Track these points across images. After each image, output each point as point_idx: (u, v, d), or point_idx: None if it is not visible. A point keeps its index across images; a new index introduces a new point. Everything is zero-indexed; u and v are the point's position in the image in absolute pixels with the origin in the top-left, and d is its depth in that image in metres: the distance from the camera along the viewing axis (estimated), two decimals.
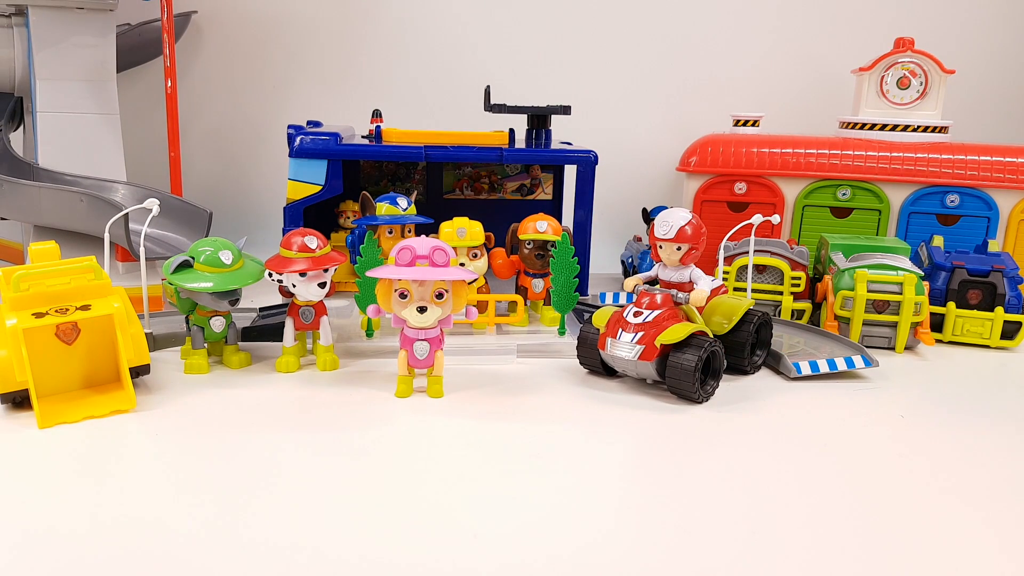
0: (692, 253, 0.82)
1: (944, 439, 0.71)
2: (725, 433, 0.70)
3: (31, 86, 1.15)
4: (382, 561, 0.49)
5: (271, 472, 0.60)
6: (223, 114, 1.52)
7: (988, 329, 0.99)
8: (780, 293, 1.04)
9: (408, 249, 0.73)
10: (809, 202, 1.21)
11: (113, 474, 0.59)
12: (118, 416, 0.70)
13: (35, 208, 1.06)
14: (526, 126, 1.17)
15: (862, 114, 1.26)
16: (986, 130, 1.44)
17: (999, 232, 1.18)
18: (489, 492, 0.58)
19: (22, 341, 0.68)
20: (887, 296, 0.95)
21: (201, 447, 0.64)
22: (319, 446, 0.65)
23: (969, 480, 0.62)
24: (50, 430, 0.66)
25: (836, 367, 0.85)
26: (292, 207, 1.06)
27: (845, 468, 0.64)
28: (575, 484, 0.59)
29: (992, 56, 1.49)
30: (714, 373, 0.79)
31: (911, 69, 1.24)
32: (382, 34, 1.49)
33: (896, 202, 1.19)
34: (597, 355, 0.82)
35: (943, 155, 1.18)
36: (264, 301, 1.01)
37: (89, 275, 0.75)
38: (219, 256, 0.80)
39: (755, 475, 0.62)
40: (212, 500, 0.55)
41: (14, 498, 0.55)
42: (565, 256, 0.90)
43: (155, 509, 0.54)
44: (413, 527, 0.53)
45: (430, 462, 0.63)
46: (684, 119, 1.46)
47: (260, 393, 0.77)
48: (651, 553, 0.50)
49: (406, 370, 0.77)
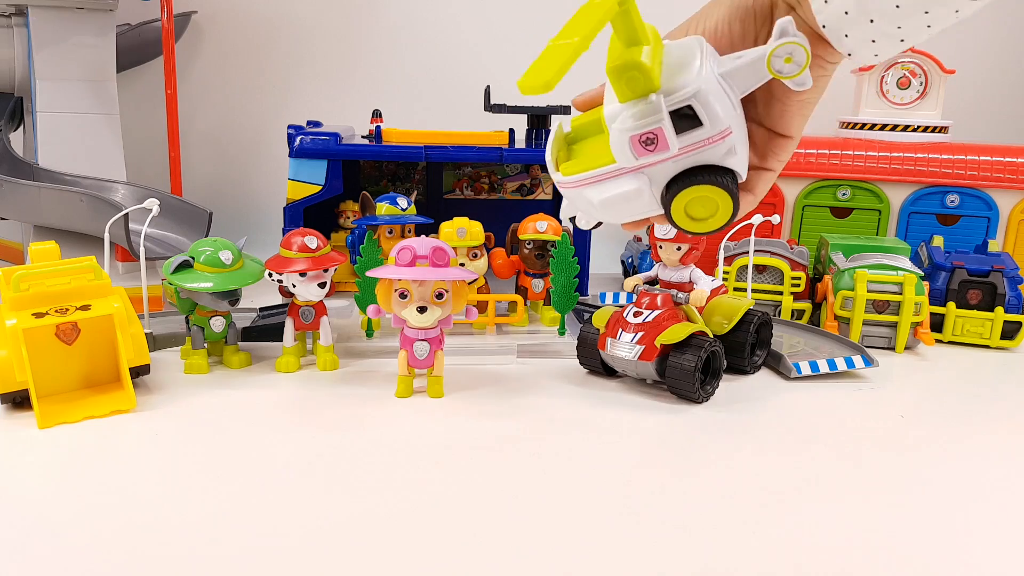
0: (692, 253, 0.82)
1: (944, 439, 0.71)
2: (725, 433, 0.70)
3: (31, 86, 1.15)
4: (381, 561, 0.49)
5: (271, 472, 0.60)
6: (223, 114, 1.52)
7: (988, 329, 0.99)
8: (780, 293, 1.04)
9: (408, 249, 0.73)
10: (809, 202, 1.21)
11: (113, 474, 0.59)
12: (118, 416, 0.70)
13: (35, 208, 1.06)
14: (526, 126, 1.17)
15: (862, 114, 1.26)
16: (986, 130, 1.44)
17: (999, 232, 1.18)
18: (489, 492, 0.58)
19: (22, 341, 0.68)
20: (887, 296, 0.95)
21: (201, 447, 0.64)
22: (319, 446, 0.65)
23: (970, 480, 0.62)
24: (50, 430, 0.66)
25: (836, 367, 0.85)
26: (292, 207, 1.06)
27: (845, 468, 0.64)
28: (575, 484, 0.59)
29: (992, 56, 1.49)
30: (714, 373, 0.79)
31: (911, 69, 1.24)
32: (382, 34, 1.49)
33: (896, 202, 1.19)
34: (597, 355, 0.82)
35: (943, 155, 1.18)
36: (264, 301, 1.01)
37: (89, 275, 0.75)
38: (219, 256, 0.80)
39: (755, 475, 0.62)
40: (212, 500, 0.55)
41: (14, 498, 0.55)
42: (565, 256, 0.90)
43: (155, 509, 0.54)
44: (413, 527, 0.53)
45: (430, 462, 0.63)
46: None
47: (260, 393, 0.77)
48: (651, 552, 0.50)
49: (406, 370, 0.76)
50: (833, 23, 0.45)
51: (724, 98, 0.46)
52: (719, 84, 0.46)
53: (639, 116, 0.46)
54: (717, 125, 0.46)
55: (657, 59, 0.46)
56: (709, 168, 0.48)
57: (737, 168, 0.48)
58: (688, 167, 0.48)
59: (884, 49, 0.46)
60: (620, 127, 0.47)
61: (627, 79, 0.45)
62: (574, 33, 0.42)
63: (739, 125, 0.48)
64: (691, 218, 0.50)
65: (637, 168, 0.48)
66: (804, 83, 0.46)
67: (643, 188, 0.49)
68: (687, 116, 0.46)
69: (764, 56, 0.45)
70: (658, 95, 0.45)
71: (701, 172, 0.48)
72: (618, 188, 0.49)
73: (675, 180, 0.48)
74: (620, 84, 0.45)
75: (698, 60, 0.46)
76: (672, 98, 0.45)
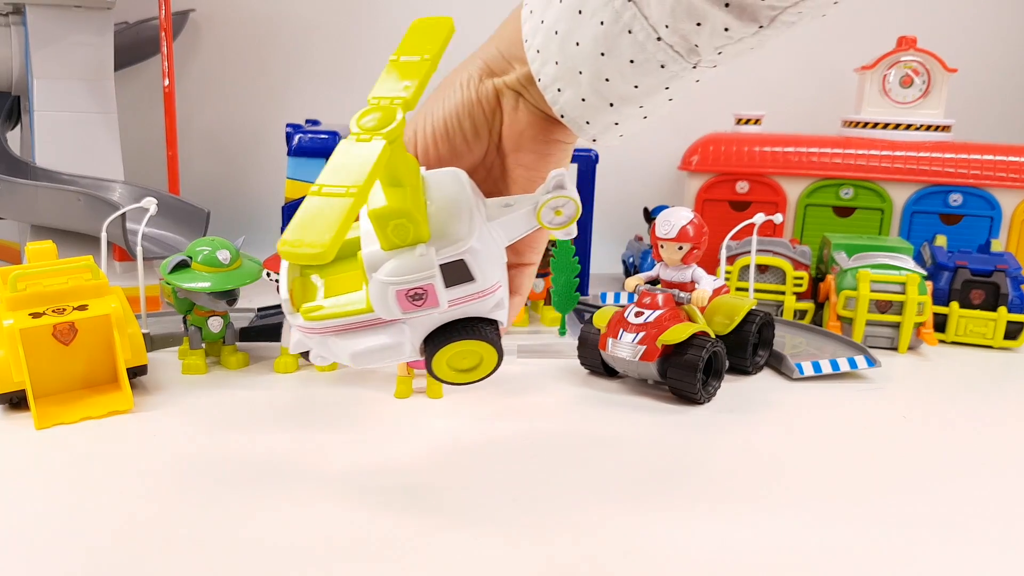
0: (694, 253, 0.81)
1: (947, 440, 0.70)
2: (727, 434, 0.70)
3: (28, 85, 1.14)
4: (381, 561, 0.48)
5: (270, 473, 0.60)
6: (221, 113, 1.51)
7: (991, 329, 0.98)
8: (782, 293, 1.04)
9: None
10: (811, 201, 1.21)
11: (110, 475, 0.59)
12: (115, 417, 0.69)
13: (32, 207, 1.06)
14: None
15: (865, 113, 1.25)
16: (989, 129, 1.43)
17: (1002, 232, 1.17)
18: (489, 492, 0.57)
19: (19, 341, 0.68)
20: (890, 296, 0.95)
21: (199, 448, 0.64)
22: (318, 447, 0.64)
23: (973, 480, 0.62)
24: (47, 431, 0.66)
25: (839, 367, 0.84)
26: (291, 206, 1.05)
27: (848, 469, 0.63)
28: (575, 484, 0.59)
29: (995, 54, 1.49)
30: (716, 373, 0.79)
31: (914, 68, 1.23)
32: (380, 32, 1.49)
33: (899, 201, 1.19)
34: (598, 355, 0.81)
35: (946, 154, 1.17)
36: (262, 301, 1.01)
37: (86, 275, 0.75)
38: (217, 256, 0.79)
39: (757, 476, 0.62)
40: (211, 500, 0.55)
41: (11, 499, 0.55)
42: (565, 256, 0.89)
43: (153, 510, 0.54)
44: (413, 527, 0.52)
45: (430, 462, 0.62)
46: (685, 117, 1.45)
47: (259, 393, 0.76)
48: (651, 552, 0.50)
49: (406, 371, 0.76)
50: (572, 112, 0.44)
51: (494, 250, 0.44)
52: (490, 236, 0.44)
53: (407, 270, 0.42)
54: (488, 280, 0.43)
55: (422, 202, 0.42)
56: (473, 320, 0.45)
57: (502, 319, 0.46)
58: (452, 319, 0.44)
59: (629, 129, 0.45)
60: (385, 279, 0.42)
61: (394, 227, 0.41)
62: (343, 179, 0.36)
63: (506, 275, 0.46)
64: (454, 369, 0.47)
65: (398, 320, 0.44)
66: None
67: (403, 342, 0.45)
68: (458, 270, 0.42)
69: (535, 208, 0.44)
70: (428, 247, 0.42)
71: (465, 325, 0.45)
72: (375, 341, 0.45)
73: (437, 333, 0.45)
74: (385, 232, 0.41)
75: (468, 208, 0.43)
76: (444, 252, 0.42)
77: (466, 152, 0.48)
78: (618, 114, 0.43)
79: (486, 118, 0.47)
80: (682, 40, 0.39)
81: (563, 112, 0.44)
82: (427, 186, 0.44)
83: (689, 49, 0.39)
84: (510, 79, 0.46)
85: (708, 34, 0.38)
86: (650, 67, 0.40)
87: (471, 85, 0.47)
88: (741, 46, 0.39)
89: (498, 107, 0.47)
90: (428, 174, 0.45)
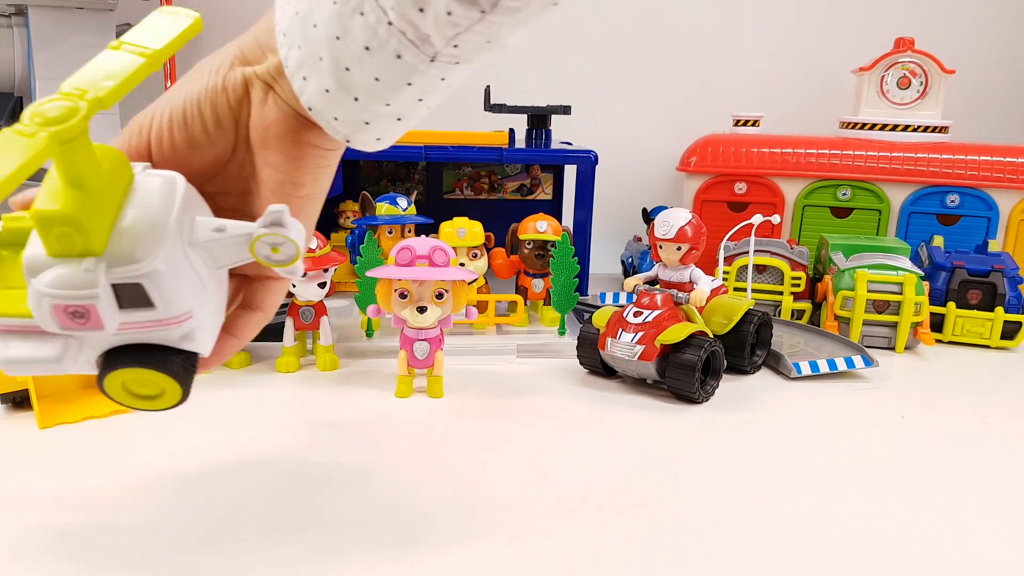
0: (692, 253, 0.82)
1: (944, 439, 0.71)
2: (725, 433, 0.70)
3: (31, 86, 1.15)
4: (381, 560, 0.48)
5: (271, 472, 0.60)
6: None
7: (988, 329, 0.99)
8: (780, 293, 1.04)
9: (408, 249, 0.73)
10: (809, 202, 1.21)
11: (113, 475, 0.59)
12: (118, 416, 0.70)
13: None
14: (526, 126, 1.17)
15: (862, 114, 1.26)
16: (986, 130, 1.44)
17: (999, 232, 1.18)
18: (489, 492, 0.58)
19: None
20: (887, 296, 0.95)
21: (200, 447, 0.64)
22: (318, 446, 0.65)
23: (970, 480, 0.62)
24: (50, 430, 0.66)
25: (836, 367, 0.85)
26: None
27: (845, 468, 0.64)
28: (575, 484, 0.59)
29: (992, 56, 1.49)
30: (714, 373, 0.79)
31: (911, 69, 1.24)
32: None
33: (896, 202, 1.19)
34: (597, 355, 0.82)
35: (943, 155, 1.18)
36: None
37: None
38: None
39: (755, 475, 0.62)
40: (212, 500, 0.55)
41: (14, 498, 0.55)
42: (565, 256, 0.90)
43: (155, 509, 0.54)
44: (413, 527, 0.53)
45: (430, 462, 0.63)
46: (684, 119, 1.46)
47: (260, 393, 0.77)
48: (652, 552, 0.50)
49: (406, 370, 0.76)
50: (319, 104, 0.40)
51: (189, 277, 0.39)
52: (186, 260, 0.39)
53: (68, 283, 0.36)
54: (173, 309, 0.38)
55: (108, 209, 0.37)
56: (159, 347, 0.40)
57: (197, 350, 0.41)
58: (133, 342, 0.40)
59: (384, 131, 0.42)
60: (41, 288, 0.36)
61: (58, 235, 0.36)
62: None
63: (209, 302, 0.41)
64: (131, 394, 0.42)
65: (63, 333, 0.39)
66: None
67: (65, 359, 0.40)
68: (134, 293, 0.37)
69: (249, 239, 0.39)
70: (97, 263, 0.36)
71: (148, 351, 0.40)
72: (32, 352, 0.40)
73: (116, 352, 0.40)
74: (48, 238, 0.36)
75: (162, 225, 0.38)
76: (117, 272, 0.37)
77: (206, 144, 0.44)
78: (365, 111, 0.41)
79: (231, 108, 0.43)
80: (411, 27, 0.37)
81: (310, 104, 0.41)
82: (133, 192, 0.39)
83: (421, 37, 0.37)
84: (261, 69, 0.42)
85: (433, 21, 0.36)
86: (386, 55, 0.38)
87: (220, 72, 0.43)
88: (474, 36, 0.37)
89: (246, 97, 0.43)
90: (142, 178, 0.40)
